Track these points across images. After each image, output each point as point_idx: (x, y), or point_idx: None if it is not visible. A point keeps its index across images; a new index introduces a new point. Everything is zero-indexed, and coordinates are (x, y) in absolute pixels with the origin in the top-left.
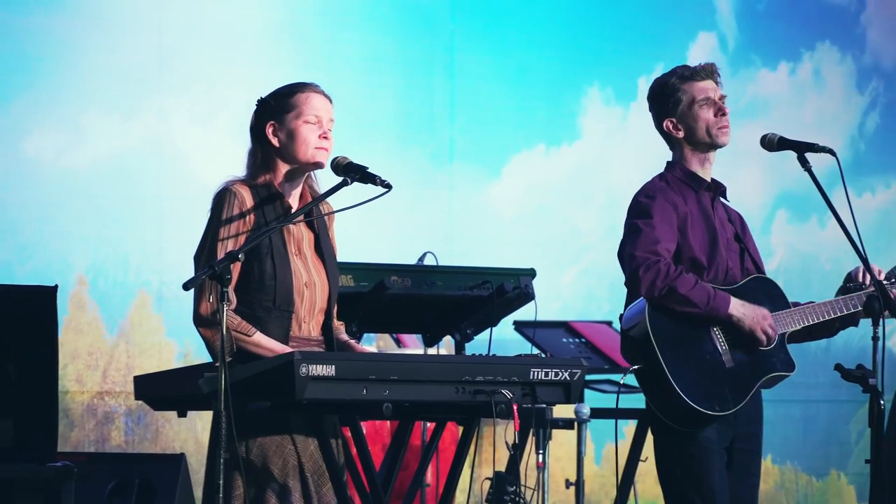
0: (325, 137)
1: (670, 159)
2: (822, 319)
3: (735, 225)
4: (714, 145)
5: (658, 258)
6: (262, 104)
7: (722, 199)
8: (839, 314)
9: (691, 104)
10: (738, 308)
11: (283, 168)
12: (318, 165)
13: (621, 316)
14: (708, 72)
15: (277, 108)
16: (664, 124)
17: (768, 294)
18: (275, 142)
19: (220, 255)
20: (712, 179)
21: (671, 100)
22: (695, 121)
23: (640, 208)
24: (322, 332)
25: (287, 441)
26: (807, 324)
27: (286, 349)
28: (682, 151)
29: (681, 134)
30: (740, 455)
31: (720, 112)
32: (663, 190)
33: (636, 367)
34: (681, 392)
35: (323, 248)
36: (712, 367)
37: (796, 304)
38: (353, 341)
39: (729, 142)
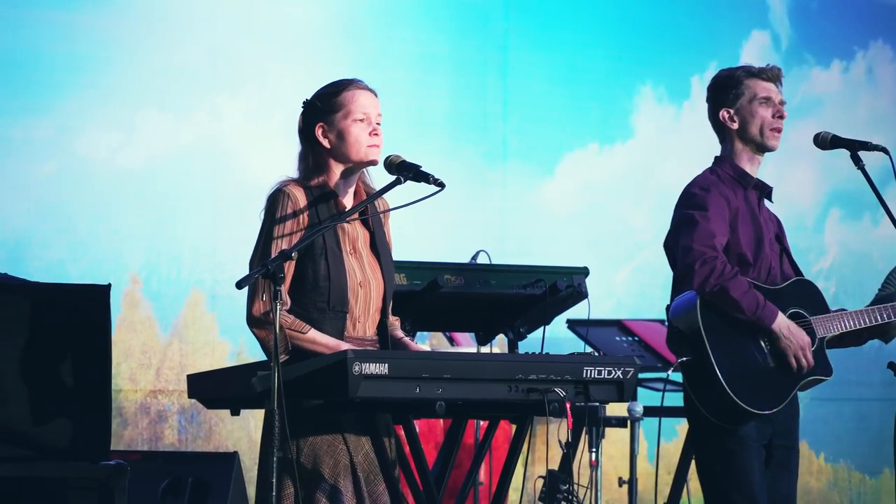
0: (375, 134)
1: (718, 154)
2: (858, 327)
3: (774, 226)
4: (763, 146)
5: (716, 254)
6: (309, 106)
7: (766, 200)
8: (871, 324)
9: (752, 99)
10: (782, 326)
11: (337, 168)
12: (372, 163)
13: (668, 307)
14: (774, 75)
15: (325, 109)
16: (720, 114)
17: (809, 297)
18: (326, 143)
19: (274, 254)
20: (759, 179)
21: (733, 91)
22: (752, 115)
23: (696, 200)
24: (377, 332)
25: (339, 440)
26: (844, 330)
27: (342, 344)
28: (733, 145)
29: (735, 126)
30: (780, 451)
31: (778, 115)
32: (716, 183)
33: (684, 359)
34: (727, 387)
35: (378, 246)
36: (756, 366)
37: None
38: (407, 339)
39: (777, 147)
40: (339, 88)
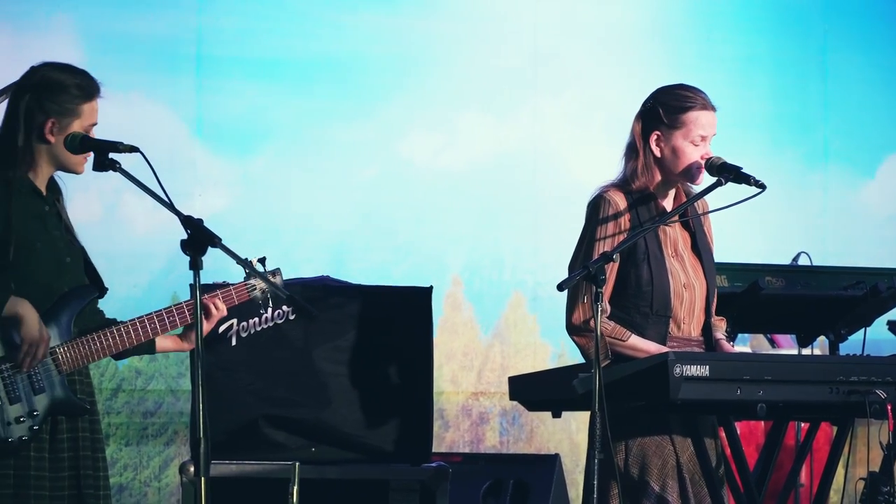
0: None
1: None
2: None
3: None
4: None
5: None
6: (650, 111)
7: None
8: None
9: None
10: None
11: (659, 176)
12: (693, 182)
13: None
14: None
15: (666, 122)
16: None
17: None
18: (657, 152)
19: (596, 257)
20: None
21: None
22: None
23: None
24: (702, 333)
25: (666, 441)
26: None
27: (663, 349)
28: None
29: None
30: None
31: None
32: None
33: None
34: None
35: (700, 247)
36: None
37: None
38: (723, 341)
39: None
40: (686, 106)
